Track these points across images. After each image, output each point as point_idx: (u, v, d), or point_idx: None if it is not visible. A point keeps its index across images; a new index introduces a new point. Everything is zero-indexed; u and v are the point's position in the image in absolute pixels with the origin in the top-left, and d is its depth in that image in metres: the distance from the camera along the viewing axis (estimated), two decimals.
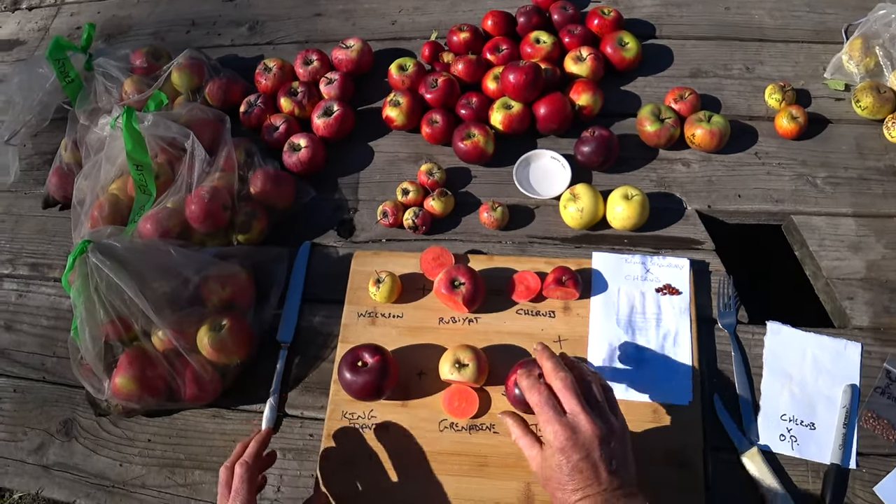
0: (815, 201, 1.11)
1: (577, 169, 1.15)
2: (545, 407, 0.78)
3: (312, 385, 1.04)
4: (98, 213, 1.11)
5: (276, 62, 1.31)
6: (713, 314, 1.02)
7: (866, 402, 0.94)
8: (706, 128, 1.12)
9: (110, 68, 1.27)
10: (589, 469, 0.74)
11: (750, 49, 1.28)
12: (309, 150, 1.18)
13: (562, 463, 0.75)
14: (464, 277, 1.01)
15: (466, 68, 1.23)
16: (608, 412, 0.79)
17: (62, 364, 1.13)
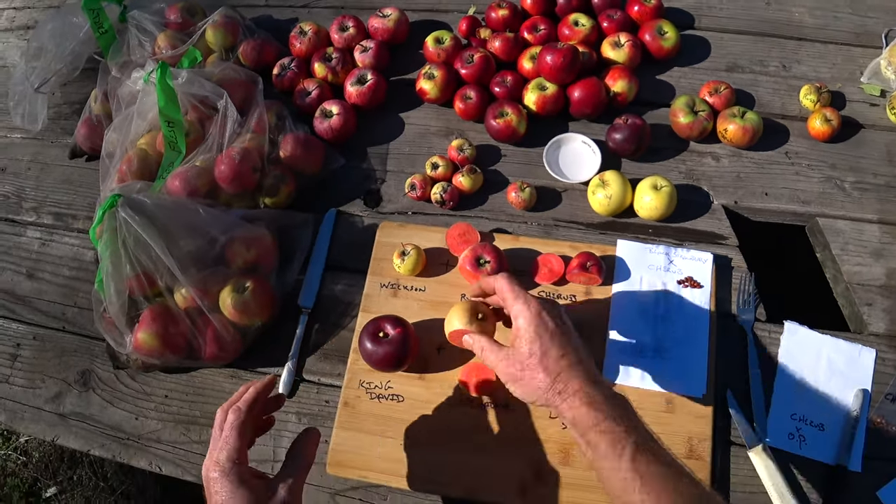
0: (841, 205, 1.11)
1: (608, 155, 1.15)
2: (513, 284, 0.83)
3: (331, 352, 1.05)
4: (126, 167, 1.11)
5: (312, 26, 1.30)
6: (732, 310, 1.03)
7: (876, 408, 0.95)
8: (739, 123, 1.12)
9: (144, 21, 1.26)
10: (567, 334, 0.78)
11: (788, 47, 1.27)
12: (340, 118, 1.18)
13: (540, 330, 0.77)
14: (489, 256, 1.01)
15: (503, 46, 1.23)
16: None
17: (83, 315, 1.14)
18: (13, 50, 1.48)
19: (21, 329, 1.15)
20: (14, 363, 1.12)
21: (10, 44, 1.50)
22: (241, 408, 0.78)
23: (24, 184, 1.31)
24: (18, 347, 1.13)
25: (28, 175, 1.32)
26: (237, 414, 0.77)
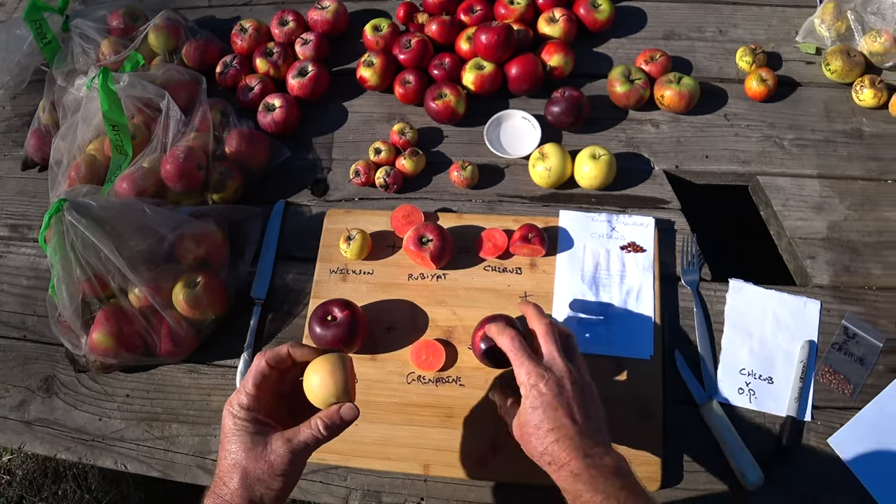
0: (781, 162, 1.13)
1: (548, 129, 1.16)
2: (519, 350, 0.78)
3: (285, 340, 1.06)
4: (75, 173, 1.12)
5: (252, 23, 1.31)
6: (677, 272, 1.05)
7: (823, 358, 0.97)
8: (675, 89, 1.14)
9: (87, 29, 1.27)
10: (563, 407, 0.74)
11: (724, 12, 1.29)
12: (283, 111, 1.19)
13: (535, 402, 0.75)
14: (431, 234, 1.02)
15: (440, 29, 1.24)
16: (582, 366, 0.81)
17: (42, 322, 1.15)
18: None
19: None
20: None
21: None
22: (267, 356, 0.76)
23: None
24: None
25: None
26: (259, 361, 0.76)
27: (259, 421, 0.74)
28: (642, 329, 0.99)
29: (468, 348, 0.99)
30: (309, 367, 0.75)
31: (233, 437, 0.73)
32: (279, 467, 0.72)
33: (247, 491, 0.71)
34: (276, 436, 0.73)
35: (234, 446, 0.73)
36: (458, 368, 0.99)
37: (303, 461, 0.75)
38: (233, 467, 0.72)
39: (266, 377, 0.75)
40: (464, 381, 0.98)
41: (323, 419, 0.73)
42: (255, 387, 0.75)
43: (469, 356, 0.99)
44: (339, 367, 0.75)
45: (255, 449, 0.72)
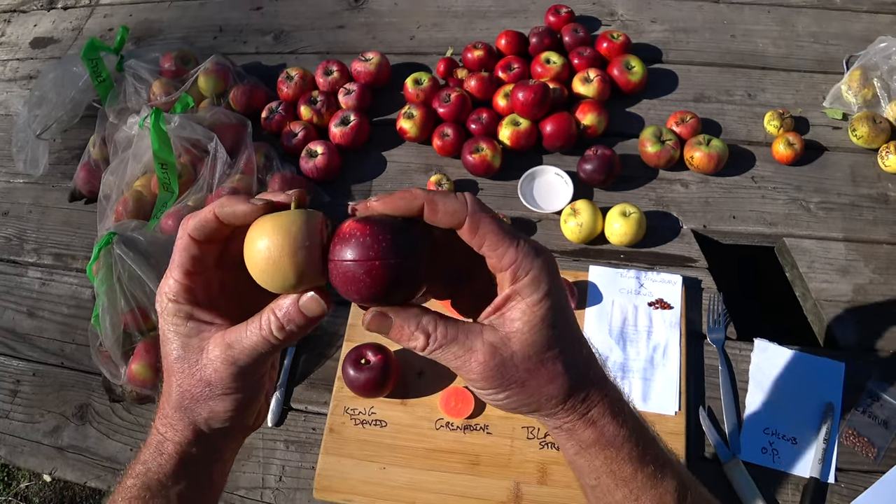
0: (807, 225, 1.15)
1: (580, 185, 1.20)
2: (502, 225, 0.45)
3: (317, 381, 1.09)
4: (122, 207, 1.17)
5: (298, 71, 1.36)
6: (703, 329, 1.07)
7: (847, 420, 0.98)
8: (705, 151, 1.17)
9: (140, 70, 1.33)
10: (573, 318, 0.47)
11: (753, 76, 1.33)
12: (325, 157, 1.24)
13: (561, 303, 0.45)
14: None
15: (479, 85, 1.29)
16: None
17: (80, 350, 1.18)
18: (16, 99, 1.55)
19: (21, 366, 1.19)
20: (14, 399, 1.16)
21: (14, 93, 1.57)
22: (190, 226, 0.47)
23: (25, 226, 1.36)
24: (18, 384, 1.18)
25: (30, 218, 1.37)
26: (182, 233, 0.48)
27: (195, 318, 0.48)
28: (668, 385, 1.01)
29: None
30: (252, 230, 0.45)
31: (165, 339, 0.49)
32: (218, 385, 0.48)
33: (186, 414, 0.49)
34: (215, 339, 0.48)
35: (168, 351, 0.49)
36: (486, 416, 1.01)
37: (255, 375, 0.49)
38: (168, 380, 0.50)
39: (197, 258, 0.48)
40: (491, 429, 1.00)
41: (277, 316, 0.46)
42: (185, 272, 0.47)
43: None
44: (301, 229, 0.43)
45: (189, 358, 0.48)
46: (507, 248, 0.44)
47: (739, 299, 1.14)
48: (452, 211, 0.43)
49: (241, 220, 0.46)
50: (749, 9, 1.43)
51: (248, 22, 1.57)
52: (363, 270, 0.42)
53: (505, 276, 0.44)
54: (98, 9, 1.69)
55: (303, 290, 0.45)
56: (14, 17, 1.72)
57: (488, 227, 0.43)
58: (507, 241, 0.44)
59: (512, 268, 0.44)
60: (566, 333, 0.46)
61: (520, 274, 0.44)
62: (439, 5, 1.53)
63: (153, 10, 1.65)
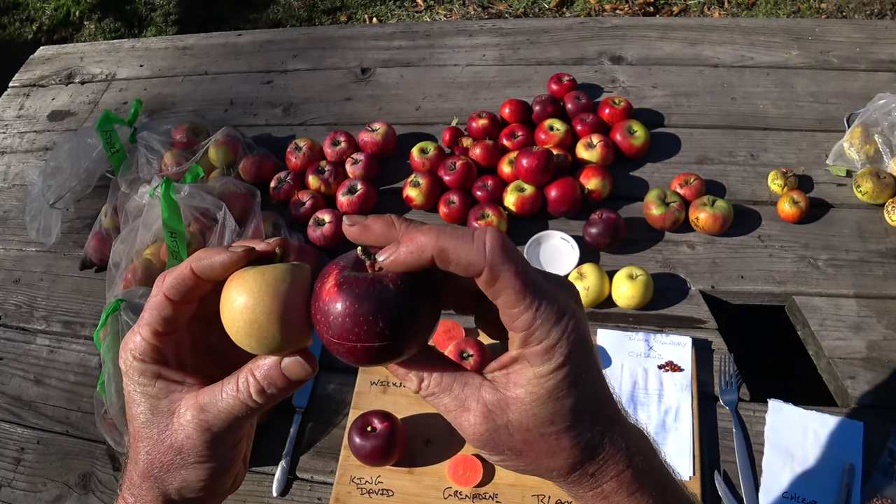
0: (816, 283, 1.14)
1: (586, 249, 1.20)
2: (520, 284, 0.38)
3: (323, 450, 1.07)
4: (132, 275, 1.18)
5: (306, 142, 1.39)
6: (715, 391, 1.05)
7: (869, 482, 0.95)
8: (710, 212, 1.17)
9: (153, 141, 1.36)
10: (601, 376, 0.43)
11: (755, 137, 1.35)
12: (332, 226, 1.25)
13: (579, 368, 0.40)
14: (472, 349, 1.05)
15: (483, 153, 1.31)
16: None
17: (86, 419, 1.17)
18: (32, 170, 1.58)
19: (26, 434, 1.18)
20: (17, 467, 1.15)
21: (30, 164, 1.61)
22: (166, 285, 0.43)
23: (36, 294, 1.37)
24: (22, 451, 1.16)
25: (40, 286, 1.38)
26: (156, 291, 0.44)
27: (164, 377, 0.44)
28: (681, 449, 0.99)
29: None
30: (230, 284, 0.41)
31: (130, 400, 0.45)
32: (191, 453, 0.44)
33: (155, 483, 0.45)
34: (187, 401, 0.43)
35: (135, 414, 0.45)
36: (496, 485, 0.98)
37: (231, 441, 0.45)
38: (135, 445, 0.45)
39: (169, 319, 0.44)
40: (501, 497, 0.97)
41: (257, 378, 0.42)
42: (153, 332, 0.44)
43: (507, 473, 0.98)
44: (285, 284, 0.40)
45: (158, 423, 0.44)
46: (525, 310, 0.38)
47: (751, 359, 1.12)
48: (467, 263, 0.38)
49: (221, 272, 0.42)
50: (749, 72, 1.46)
51: (259, 95, 1.62)
52: (344, 350, 0.39)
53: (516, 337, 0.39)
54: (114, 83, 1.74)
55: (284, 352, 0.41)
56: (33, 90, 1.78)
57: (508, 282, 0.38)
58: (526, 303, 0.38)
59: (524, 333, 0.39)
60: (581, 404, 0.40)
61: (531, 341, 0.39)
62: (444, 77, 1.57)
63: (167, 84, 1.70)
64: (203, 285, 0.43)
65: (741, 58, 1.49)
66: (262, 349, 0.40)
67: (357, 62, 1.65)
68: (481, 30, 1.67)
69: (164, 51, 1.80)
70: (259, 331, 0.39)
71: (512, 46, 1.61)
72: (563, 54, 1.57)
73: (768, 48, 1.50)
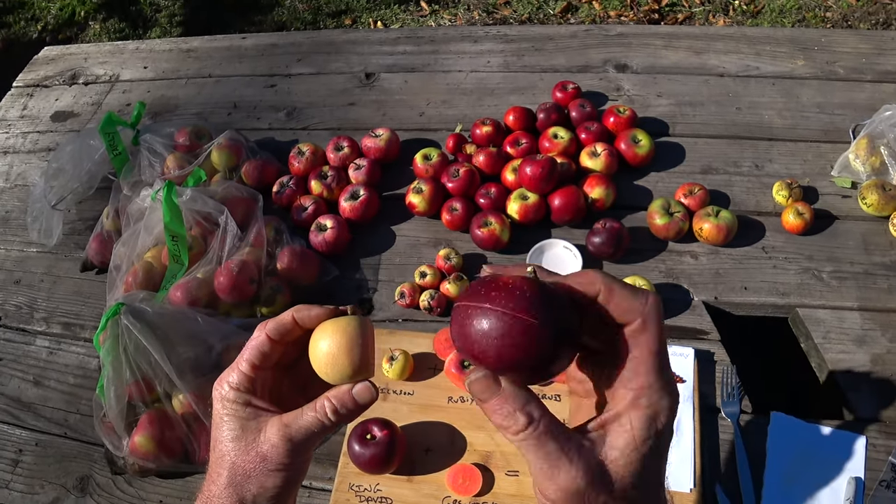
0: (820, 295, 1.14)
1: (589, 259, 1.19)
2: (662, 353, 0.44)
3: (322, 456, 1.07)
4: (132, 278, 1.18)
5: (310, 147, 1.39)
6: (717, 403, 1.04)
7: (871, 496, 0.94)
8: (714, 222, 1.17)
9: (155, 144, 1.36)
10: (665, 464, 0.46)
11: (760, 147, 1.34)
12: (334, 231, 1.25)
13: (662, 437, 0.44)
14: None
15: (487, 160, 1.31)
16: None
17: (84, 421, 1.17)
18: (35, 171, 1.58)
19: (24, 435, 1.18)
20: (15, 469, 1.14)
21: (33, 165, 1.61)
22: (269, 327, 0.57)
23: (36, 295, 1.37)
24: (20, 453, 1.16)
25: (41, 287, 1.38)
26: (259, 334, 0.57)
27: (253, 405, 0.56)
28: (682, 461, 0.98)
29: (506, 474, 0.98)
30: (316, 332, 0.57)
31: (221, 423, 0.56)
32: (274, 460, 0.54)
33: (235, 490, 0.55)
34: (273, 420, 0.55)
35: (223, 434, 0.56)
36: (495, 494, 0.98)
37: (306, 453, 0.56)
38: (220, 460, 0.56)
39: (266, 354, 0.56)
40: None
41: (332, 401, 0.54)
42: (252, 365, 0.56)
43: (507, 482, 0.98)
44: (356, 333, 0.56)
45: (246, 437, 0.55)
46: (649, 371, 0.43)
47: (754, 372, 1.11)
48: (627, 308, 0.43)
49: (313, 322, 0.56)
50: (754, 82, 1.46)
51: (262, 99, 1.62)
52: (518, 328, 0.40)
53: (626, 394, 0.43)
54: (118, 84, 1.74)
55: (355, 381, 0.54)
56: (37, 91, 1.78)
57: (650, 339, 0.43)
58: (653, 365, 0.43)
59: (637, 392, 0.43)
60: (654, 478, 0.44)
61: (641, 403, 0.42)
62: (448, 83, 1.57)
63: (170, 86, 1.70)
64: (296, 331, 0.57)
65: (747, 67, 1.49)
66: (337, 377, 0.54)
67: (361, 67, 1.65)
68: (486, 36, 1.67)
69: (168, 53, 1.80)
70: (335, 362, 0.54)
71: (517, 53, 1.61)
72: (567, 62, 1.57)
73: (774, 58, 1.50)
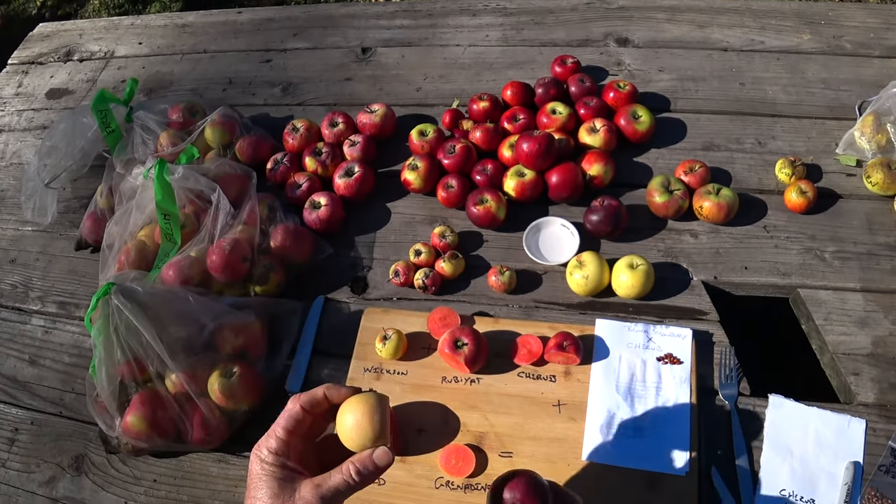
0: (822, 275, 1.12)
1: (587, 237, 1.18)
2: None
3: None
4: (125, 257, 1.17)
5: (304, 123, 1.37)
6: (714, 385, 1.03)
7: (870, 481, 0.93)
8: (714, 200, 1.15)
9: (149, 121, 1.34)
10: None
11: (763, 124, 1.31)
12: (328, 209, 1.23)
13: None
14: (467, 338, 1.03)
15: (484, 136, 1.28)
16: None
17: (79, 400, 1.17)
18: (30, 148, 1.57)
19: (20, 414, 1.18)
20: (11, 447, 1.14)
21: (28, 143, 1.60)
22: (302, 399, 0.73)
23: (31, 274, 1.36)
24: (16, 432, 1.16)
25: (36, 266, 1.37)
26: (293, 405, 0.73)
27: (288, 467, 0.70)
28: (678, 443, 0.97)
29: (499, 455, 0.98)
30: (343, 407, 0.72)
31: (259, 482, 0.69)
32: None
33: None
34: (306, 482, 0.69)
35: (261, 493, 0.68)
36: (488, 476, 0.97)
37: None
38: None
39: (299, 422, 0.72)
40: None
41: (356, 464, 0.70)
42: (287, 431, 0.71)
43: (501, 463, 0.97)
44: (376, 407, 0.71)
45: (283, 496, 0.68)
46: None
47: (752, 353, 1.10)
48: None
49: (341, 398, 0.74)
50: (759, 56, 1.42)
51: (258, 74, 1.60)
52: None
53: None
54: (112, 61, 1.72)
55: (374, 447, 0.71)
56: (31, 68, 1.76)
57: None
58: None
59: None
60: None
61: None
62: (446, 57, 1.54)
63: (165, 62, 1.68)
64: (324, 404, 0.74)
65: (751, 42, 1.45)
66: (359, 445, 0.71)
67: (358, 41, 1.62)
68: (485, 9, 1.63)
69: (164, 28, 1.77)
70: (360, 432, 0.70)
71: (516, 27, 1.58)
72: (567, 35, 1.54)
73: (779, 32, 1.46)
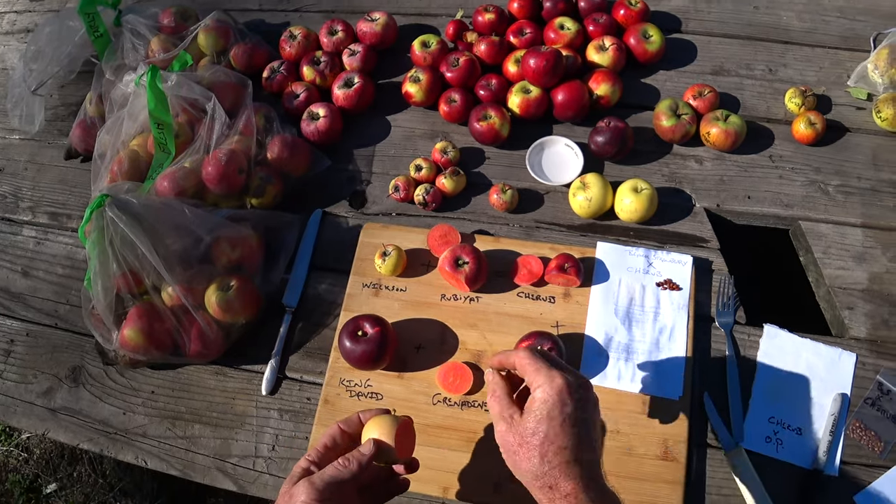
0: (824, 209, 1.11)
1: (591, 158, 1.16)
2: (536, 359, 0.72)
3: (313, 350, 1.07)
4: (118, 167, 1.14)
5: (302, 30, 1.32)
6: (711, 312, 1.03)
7: (855, 412, 0.95)
8: (722, 127, 1.12)
9: (139, 25, 1.29)
10: (582, 424, 0.68)
11: (775, 50, 1.28)
12: (327, 120, 1.20)
13: (554, 412, 0.67)
14: (468, 257, 1.02)
15: (489, 49, 1.24)
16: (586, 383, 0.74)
17: (74, 312, 1.17)
18: (13, 53, 1.51)
19: (15, 325, 1.18)
20: (7, 359, 1.15)
21: (11, 46, 1.53)
22: (340, 421, 0.82)
23: (21, 184, 1.33)
24: (12, 343, 1.16)
25: (25, 175, 1.34)
26: (333, 426, 0.82)
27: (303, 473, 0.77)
28: (673, 368, 0.98)
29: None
30: (368, 424, 0.81)
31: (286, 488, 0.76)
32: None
33: None
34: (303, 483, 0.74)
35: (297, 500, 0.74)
36: (485, 394, 0.98)
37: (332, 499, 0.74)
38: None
39: (335, 439, 0.80)
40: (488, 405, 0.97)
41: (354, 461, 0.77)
42: (325, 446, 0.80)
43: None
44: (390, 425, 0.80)
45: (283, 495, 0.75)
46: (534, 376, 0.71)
47: (750, 283, 1.10)
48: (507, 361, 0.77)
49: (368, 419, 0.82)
50: None
51: None
52: None
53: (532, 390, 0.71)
54: None
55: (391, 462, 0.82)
56: None
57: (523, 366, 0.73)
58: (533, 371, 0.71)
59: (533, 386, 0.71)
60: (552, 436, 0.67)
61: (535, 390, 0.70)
62: None
63: None
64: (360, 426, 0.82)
65: None
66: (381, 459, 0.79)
67: None
68: None
69: None
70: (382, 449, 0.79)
71: None
72: None
73: None
